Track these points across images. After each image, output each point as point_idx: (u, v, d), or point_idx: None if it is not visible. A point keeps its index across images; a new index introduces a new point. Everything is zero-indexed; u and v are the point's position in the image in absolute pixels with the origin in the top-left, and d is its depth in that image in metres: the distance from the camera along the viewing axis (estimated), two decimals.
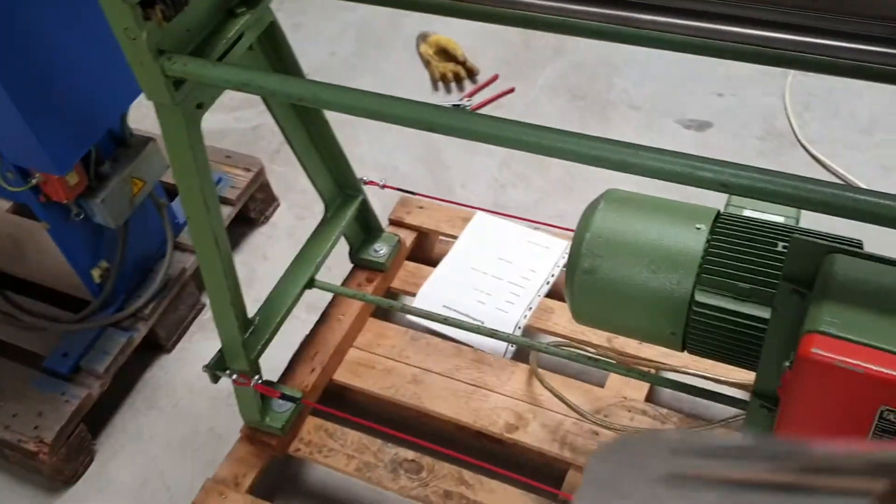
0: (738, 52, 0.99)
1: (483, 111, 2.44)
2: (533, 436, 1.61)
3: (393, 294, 1.91)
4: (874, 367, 0.81)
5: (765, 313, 1.08)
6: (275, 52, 1.39)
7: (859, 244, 1.11)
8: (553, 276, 1.83)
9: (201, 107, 1.23)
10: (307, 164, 1.59)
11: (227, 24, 1.22)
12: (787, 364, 0.89)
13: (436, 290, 1.82)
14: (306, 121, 1.54)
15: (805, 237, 0.97)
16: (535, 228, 1.91)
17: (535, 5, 0.96)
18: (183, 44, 1.17)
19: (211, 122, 2.44)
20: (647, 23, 0.91)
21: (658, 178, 0.90)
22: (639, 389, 1.66)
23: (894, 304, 0.88)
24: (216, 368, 1.52)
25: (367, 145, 2.36)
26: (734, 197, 1.25)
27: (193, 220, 1.32)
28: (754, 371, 1.10)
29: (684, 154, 0.88)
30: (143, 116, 1.79)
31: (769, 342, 1.05)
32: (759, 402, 1.11)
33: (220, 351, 1.55)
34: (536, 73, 2.53)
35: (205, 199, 1.28)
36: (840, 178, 2.15)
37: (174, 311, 1.96)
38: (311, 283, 1.62)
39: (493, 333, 1.54)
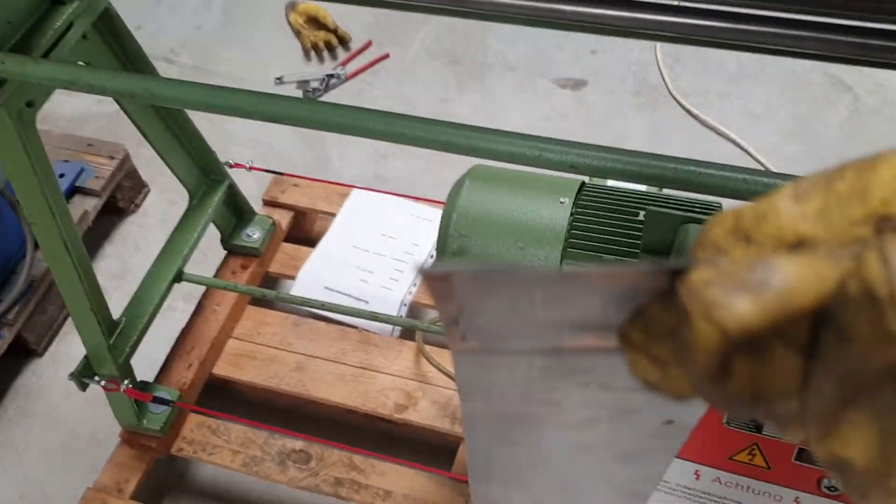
0: (602, 29, 0.97)
1: (358, 79, 2.38)
2: (423, 414, 1.59)
3: (272, 279, 1.85)
4: None
5: None
6: (115, 40, 1.30)
7: (719, 207, 1.12)
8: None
9: (32, 105, 1.14)
10: (164, 154, 1.51)
11: (54, 14, 1.13)
12: None
13: (316, 272, 1.78)
14: (158, 108, 1.45)
15: (659, 208, 0.97)
16: (416, 202, 1.87)
17: None
18: (5, 37, 1.08)
19: (70, 107, 2.33)
20: (506, 6, 0.88)
21: (508, 162, 0.87)
22: None
23: None
24: (82, 376, 1.44)
25: (238, 119, 2.27)
26: None
27: (39, 227, 1.23)
28: None
29: (532, 136, 0.86)
30: None
31: None
32: None
33: (86, 357, 1.47)
34: (410, 37, 2.48)
35: (48, 202, 1.20)
36: (712, 129, 2.18)
37: (42, 313, 1.86)
38: (179, 277, 1.55)
39: (373, 316, 1.50)
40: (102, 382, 1.44)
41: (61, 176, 1.90)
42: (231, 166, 1.68)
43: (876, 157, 0.25)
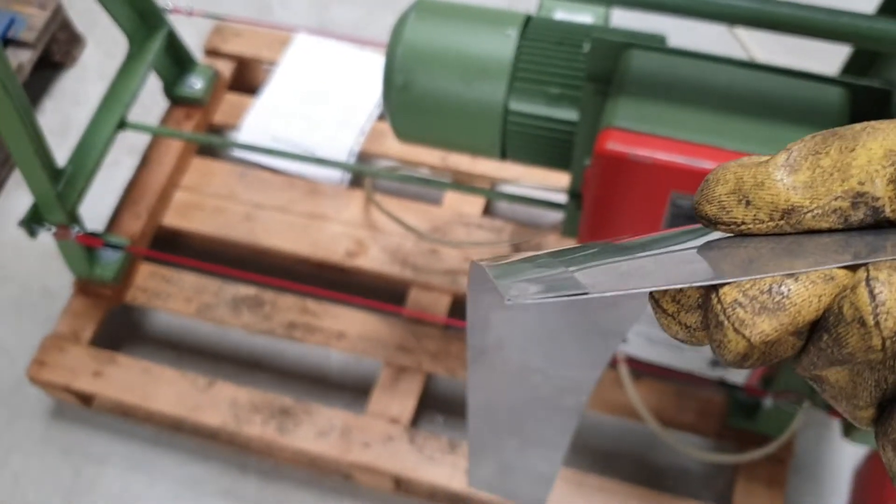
0: None
1: None
2: (374, 260, 1.62)
3: (217, 129, 1.83)
4: (664, 157, 0.83)
5: (575, 116, 1.09)
6: None
7: (662, 39, 1.13)
8: None
9: None
10: None
11: None
12: (587, 162, 0.91)
13: (261, 122, 1.76)
14: None
15: (604, 35, 0.98)
16: (362, 48, 1.85)
17: None
18: None
19: None
20: None
21: None
22: (475, 205, 1.69)
23: (686, 94, 0.90)
24: (32, 222, 1.43)
25: None
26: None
27: None
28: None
29: None
30: None
31: (578, 144, 1.07)
32: (575, 202, 1.15)
33: (34, 204, 1.46)
34: None
35: None
36: None
37: None
38: (122, 125, 1.53)
39: (321, 162, 1.50)
40: (53, 229, 1.43)
41: None
42: (170, 11, 1.63)
43: (855, 139, 0.31)
